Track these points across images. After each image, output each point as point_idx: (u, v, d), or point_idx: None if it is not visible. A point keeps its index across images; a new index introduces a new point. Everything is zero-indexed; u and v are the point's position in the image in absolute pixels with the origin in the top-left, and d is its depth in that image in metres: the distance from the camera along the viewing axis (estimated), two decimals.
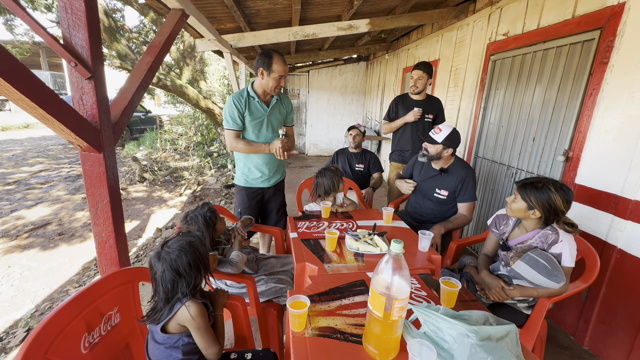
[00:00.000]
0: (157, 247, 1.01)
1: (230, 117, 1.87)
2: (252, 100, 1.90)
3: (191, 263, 0.96)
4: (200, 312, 0.96)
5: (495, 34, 2.66)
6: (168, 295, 0.95)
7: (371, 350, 0.84)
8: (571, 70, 1.96)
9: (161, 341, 0.97)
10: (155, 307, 0.97)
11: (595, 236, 1.74)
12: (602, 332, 1.74)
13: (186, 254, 0.96)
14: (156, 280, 0.96)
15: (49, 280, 2.61)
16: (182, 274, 0.95)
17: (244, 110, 1.87)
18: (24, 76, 0.74)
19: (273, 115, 1.98)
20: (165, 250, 0.96)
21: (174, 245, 0.97)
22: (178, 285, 0.95)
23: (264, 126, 1.95)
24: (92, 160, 1.04)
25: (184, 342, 0.97)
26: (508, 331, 0.83)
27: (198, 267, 0.98)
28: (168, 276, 0.94)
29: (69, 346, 0.84)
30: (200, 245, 1.01)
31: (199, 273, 0.99)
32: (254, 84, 1.92)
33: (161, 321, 0.95)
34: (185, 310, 0.93)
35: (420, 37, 4.21)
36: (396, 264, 0.78)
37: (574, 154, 1.90)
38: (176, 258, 0.95)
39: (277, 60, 1.78)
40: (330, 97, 7.58)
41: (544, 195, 1.25)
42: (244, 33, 3.26)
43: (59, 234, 3.47)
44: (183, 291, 0.95)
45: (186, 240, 0.99)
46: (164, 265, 0.94)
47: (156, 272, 0.96)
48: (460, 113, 3.23)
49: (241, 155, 2.02)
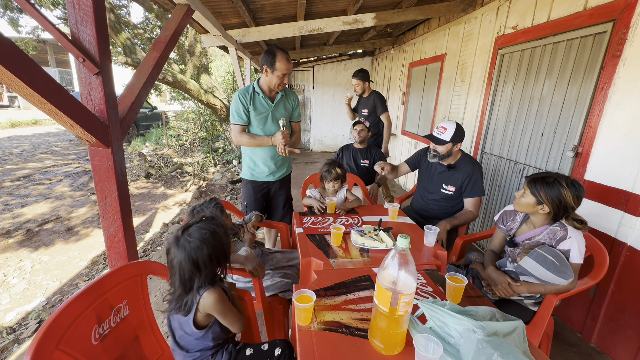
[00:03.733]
0: (177, 229, 0.94)
1: (236, 112, 1.92)
2: (257, 95, 1.93)
3: (212, 256, 0.90)
4: (220, 298, 0.93)
5: (504, 28, 2.61)
6: (185, 285, 0.91)
7: (377, 344, 0.84)
8: (582, 63, 1.92)
9: (191, 334, 0.96)
10: (178, 296, 0.93)
11: (605, 233, 1.71)
12: (610, 329, 1.73)
13: (207, 246, 0.89)
14: (173, 267, 0.91)
15: (59, 274, 2.66)
16: (200, 267, 0.90)
17: (249, 105, 1.91)
18: (34, 72, 0.75)
19: (278, 111, 1.99)
20: (186, 237, 0.90)
21: (196, 234, 0.90)
22: (195, 277, 0.90)
23: (269, 121, 1.96)
24: (101, 155, 1.05)
25: (214, 332, 0.98)
26: (515, 327, 0.83)
27: (219, 259, 0.93)
28: (186, 266, 0.89)
29: (80, 337, 0.86)
30: (223, 235, 0.94)
31: (219, 265, 0.94)
32: (260, 80, 1.94)
33: (191, 311, 0.92)
34: (207, 298, 0.91)
35: (426, 31, 4.15)
36: (402, 259, 0.78)
37: (583, 149, 1.86)
38: (196, 249, 0.88)
39: (280, 58, 1.79)
40: (336, 92, 7.54)
41: (554, 190, 1.24)
42: (249, 28, 3.25)
43: (68, 228, 3.53)
44: (200, 284, 0.91)
45: (209, 230, 0.91)
46: (183, 254, 0.89)
47: (173, 259, 0.90)
48: (467, 108, 3.20)
49: (247, 149, 2.05)
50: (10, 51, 0.70)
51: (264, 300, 1.42)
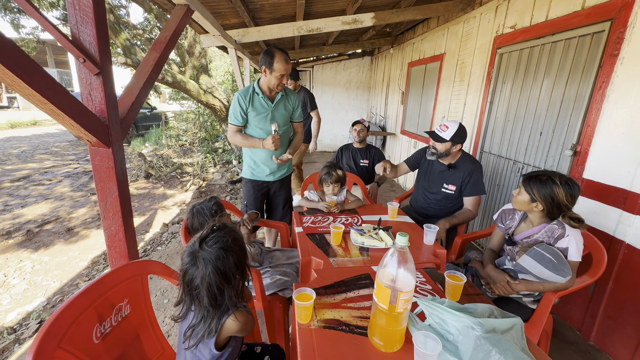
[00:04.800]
0: (190, 246, 0.86)
1: (233, 113, 1.93)
2: (256, 96, 1.93)
3: (237, 264, 0.84)
4: (244, 319, 0.86)
5: (503, 27, 2.62)
6: (216, 300, 0.82)
7: (376, 341, 0.85)
8: (580, 63, 1.93)
9: (210, 355, 0.88)
10: (207, 317, 0.85)
11: (603, 231, 1.72)
12: (609, 327, 1.73)
13: (232, 254, 0.83)
14: (195, 287, 0.82)
15: (60, 274, 2.67)
16: (229, 278, 0.82)
17: (248, 106, 1.91)
18: (35, 72, 0.75)
19: (277, 111, 1.99)
20: (207, 250, 0.82)
21: (217, 244, 0.83)
22: (224, 290, 0.82)
23: (268, 121, 1.96)
24: (101, 155, 1.05)
25: (231, 352, 0.93)
26: (513, 324, 0.84)
27: (243, 266, 0.86)
28: (214, 279, 0.80)
29: (82, 336, 0.87)
30: (241, 240, 0.88)
31: (243, 273, 0.87)
32: (260, 81, 1.94)
33: (211, 335, 0.84)
34: (233, 321, 0.84)
35: (425, 30, 4.16)
36: (401, 257, 0.79)
37: (582, 148, 1.87)
38: (222, 258, 0.81)
39: (278, 59, 1.79)
40: (335, 92, 7.55)
41: (547, 188, 1.25)
42: (248, 28, 3.26)
43: (68, 229, 3.53)
44: (231, 298, 0.83)
45: (230, 236, 0.85)
46: (208, 267, 0.80)
47: (194, 278, 0.81)
48: (466, 108, 3.20)
49: (248, 149, 2.06)
50: (11, 52, 0.70)
51: (264, 299, 1.43)
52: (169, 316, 2.00)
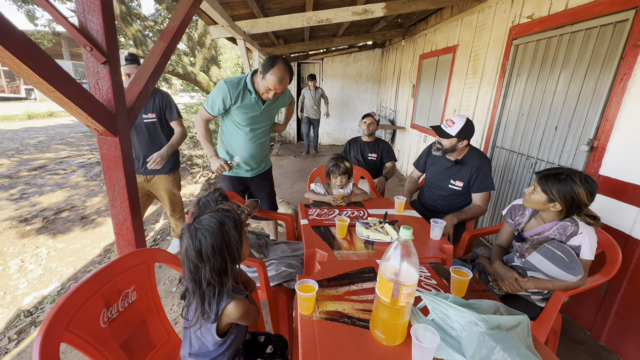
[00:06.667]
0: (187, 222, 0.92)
1: (212, 100, 1.76)
2: (247, 94, 1.77)
3: (215, 247, 0.85)
4: (245, 307, 0.89)
5: (519, 17, 2.52)
6: (193, 275, 0.86)
7: (378, 335, 0.84)
8: (600, 54, 1.84)
9: (212, 345, 0.91)
10: (190, 290, 0.88)
11: (619, 229, 1.66)
12: (621, 328, 1.69)
13: (212, 236, 0.85)
14: (182, 255, 0.88)
15: (74, 261, 2.75)
16: (204, 258, 0.84)
17: (233, 102, 1.75)
18: (42, 60, 0.76)
19: (268, 111, 1.89)
20: (194, 225, 0.87)
21: (204, 222, 0.86)
22: (201, 269, 0.85)
23: (254, 121, 1.87)
24: (109, 144, 1.06)
25: (233, 339, 0.94)
26: (519, 321, 0.82)
27: (223, 253, 0.86)
28: (191, 254, 0.85)
29: (89, 320, 0.89)
30: (232, 229, 0.88)
31: (223, 260, 0.87)
32: (254, 77, 1.76)
33: (211, 320, 0.87)
34: (231, 309, 0.87)
35: (438, 21, 4.04)
36: (405, 250, 0.77)
37: (599, 143, 1.80)
38: (201, 237, 0.84)
39: (276, 72, 1.62)
40: (344, 85, 7.47)
41: (567, 187, 1.19)
42: (257, 19, 3.23)
43: (82, 217, 3.63)
44: (207, 278, 0.85)
45: (218, 220, 0.87)
46: (188, 240, 0.85)
47: (182, 247, 0.87)
48: (478, 101, 3.12)
49: (227, 144, 1.96)
50: (19, 40, 0.71)
51: (269, 289, 1.44)
52: (176, 304, 2.04)
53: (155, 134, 2.19)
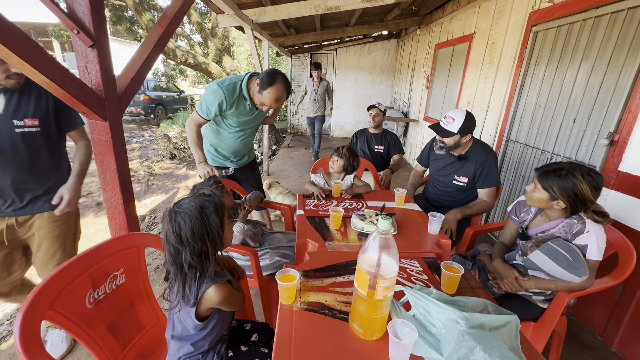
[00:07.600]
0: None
1: (206, 104, 1.69)
2: (242, 101, 1.77)
3: (194, 231, 0.85)
4: (226, 293, 0.88)
5: (540, 1, 2.36)
6: (175, 260, 0.87)
7: (356, 328, 0.82)
8: (626, 40, 1.69)
9: (193, 329, 0.91)
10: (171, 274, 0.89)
11: (637, 230, 1.55)
12: (635, 335, 1.58)
13: (191, 220, 0.85)
14: (163, 239, 0.88)
15: (87, 244, 2.86)
16: (184, 242, 0.84)
17: (228, 108, 1.73)
18: (22, 41, 0.76)
19: (259, 115, 1.91)
20: (174, 209, 0.87)
21: (184, 206, 0.87)
22: (181, 252, 0.85)
23: (246, 123, 1.89)
24: (99, 128, 1.07)
25: (213, 326, 0.94)
26: (507, 321, 0.77)
27: (203, 237, 0.86)
28: (170, 238, 0.85)
29: (74, 300, 0.91)
30: (212, 214, 0.88)
31: (203, 244, 0.87)
32: (250, 83, 1.75)
33: (190, 304, 0.86)
34: (211, 293, 0.86)
35: (455, 8, 3.86)
36: (383, 242, 0.74)
37: (620, 137, 1.67)
38: (180, 221, 0.84)
39: (273, 90, 1.64)
40: (358, 76, 7.33)
41: (568, 183, 1.11)
42: (265, 7, 3.19)
43: (98, 203, 3.77)
44: (188, 261, 0.85)
45: (198, 204, 0.87)
46: (167, 224, 0.86)
47: (163, 230, 0.88)
48: (493, 92, 2.97)
49: (211, 138, 1.95)
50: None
51: (261, 278, 1.44)
52: None
53: (36, 151, 1.31)
